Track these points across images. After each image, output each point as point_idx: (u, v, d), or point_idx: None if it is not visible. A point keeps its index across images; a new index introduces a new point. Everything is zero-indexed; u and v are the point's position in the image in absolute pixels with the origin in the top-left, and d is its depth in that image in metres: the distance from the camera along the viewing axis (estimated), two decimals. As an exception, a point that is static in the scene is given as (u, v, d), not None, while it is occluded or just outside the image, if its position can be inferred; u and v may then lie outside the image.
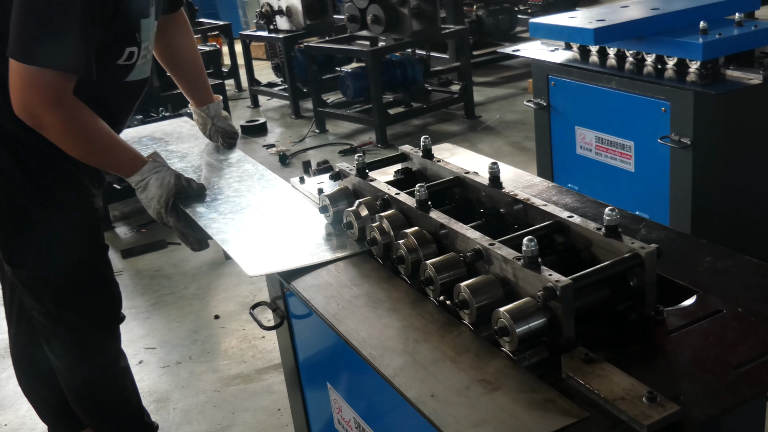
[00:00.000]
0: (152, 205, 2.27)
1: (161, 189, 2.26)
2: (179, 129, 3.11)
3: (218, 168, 2.59)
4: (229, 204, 2.28)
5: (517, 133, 6.61)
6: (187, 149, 2.83)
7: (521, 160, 5.75)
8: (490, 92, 8.03)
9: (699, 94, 3.04)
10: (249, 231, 2.09)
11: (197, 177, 2.47)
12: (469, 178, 1.91)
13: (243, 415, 3.23)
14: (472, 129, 6.95)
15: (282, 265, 1.84)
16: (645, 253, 1.45)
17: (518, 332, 1.36)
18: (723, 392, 1.25)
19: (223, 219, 2.18)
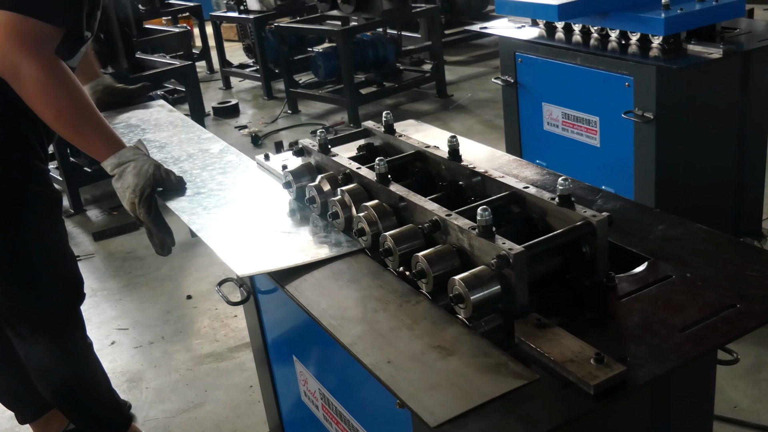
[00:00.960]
0: (126, 195, 2.12)
1: (138, 178, 2.10)
2: (156, 115, 2.94)
3: (200, 159, 2.45)
4: (213, 198, 2.15)
5: (489, 111, 6.64)
6: (165, 138, 2.67)
7: (492, 137, 5.79)
8: (462, 71, 8.05)
9: (661, 68, 3.08)
10: (234, 226, 1.97)
11: (178, 169, 2.34)
12: (429, 152, 1.94)
13: (215, 392, 3.26)
14: (444, 108, 6.97)
15: (272, 264, 1.73)
16: (596, 221, 1.49)
17: (473, 299, 1.40)
18: (668, 353, 1.29)
19: (207, 214, 2.05)
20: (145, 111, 2.98)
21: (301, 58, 7.61)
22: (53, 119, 2.07)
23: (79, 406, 2.64)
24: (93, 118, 2.12)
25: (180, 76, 6.12)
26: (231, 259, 1.76)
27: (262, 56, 7.65)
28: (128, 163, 2.12)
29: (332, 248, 1.77)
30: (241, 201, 2.12)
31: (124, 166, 2.12)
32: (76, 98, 2.07)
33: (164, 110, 2.98)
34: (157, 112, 2.96)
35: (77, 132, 2.12)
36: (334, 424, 1.90)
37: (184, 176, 2.24)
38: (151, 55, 6.57)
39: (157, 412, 3.17)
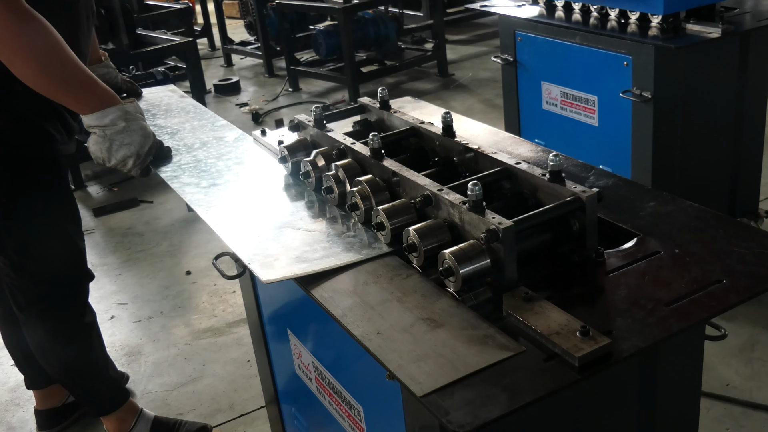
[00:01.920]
0: (126, 150, 2.05)
1: (145, 139, 2.09)
2: (167, 100, 2.81)
3: (215, 147, 2.32)
4: (229, 189, 2.03)
5: (490, 90, 6.64)
6: (177, 125, 2.54)
7: (493, 117, 5.79)
8: (464, 50, 8.04)
9: (660, 47, 3.07)
10: (255, 223, 1.83)
11: (191, 158, 2.24)
12: (423, 128, 1.95)
13: (213, 366, 3.29)
14: (444, 87, 6.97)
15: (299, 269, 1.58)
16: (586, 196, 1.50)
17: (462, 273, 1.42)
18: (653, 326, 1.31)
19: (225, 208, 1.92)
20: (155, 96, 2.86)
21: (302, 35, 7.61)
22: (36, 77, 1.94)
23: (78, 382, 2.67)
24: (81, 68, 2.01)
25: (181, 52, 6.14)
26: (255, 265, 1.61)
27: (264, 34, 7.64)
28: (135, 120, 2.08)
29: (357, 249, 1.64)
30: (261, 194, 2.02)
31: (130, 121, 2.07)
32: (59, 47, 1.94)
33: (175, 95, 2.87)
34: (168, 98, 2.85)
35: (65, 81, 1.99)
36: (327, 396, 1.92)
37: (198, 165, 2.18)
38: (152, 32, 6.56)
39: (155, 386, 3.20)
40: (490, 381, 1.23)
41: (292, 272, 1.57)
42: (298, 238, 1.73)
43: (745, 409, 2.77)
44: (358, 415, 1.77)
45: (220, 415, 2.99)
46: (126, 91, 2.72)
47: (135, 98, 2.21)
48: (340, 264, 1.59)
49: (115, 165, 2.09)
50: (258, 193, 2.01)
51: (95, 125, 2.05)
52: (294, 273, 1.57)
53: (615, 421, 1.61)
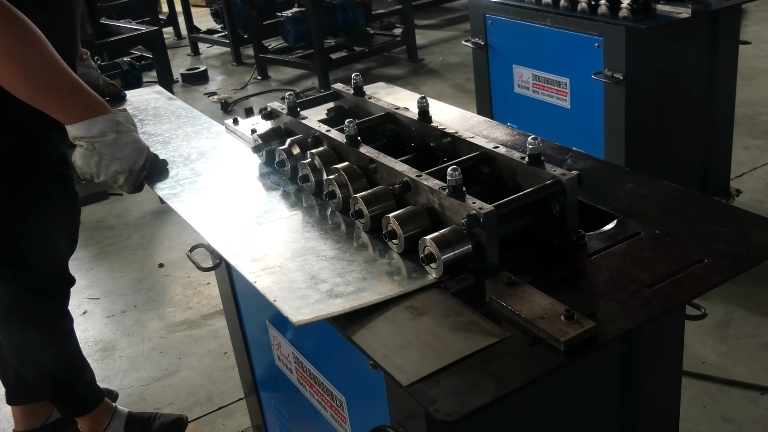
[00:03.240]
0: (117, 166, 1.86)
1: (138, 153, 1.89)
2: (154, 103, 2.57)
3: (214, 158, 2.11)
4: (236, 209, 1.82)
5: (460, 75, 6.62)
6: (168, 131, 2.31)
7: (464, 101, 5.78)
8: (433, 35, 8.01)
9: (630, 29, 3.08)
10: (275, 251, 1.59)
11: (190, 171, 2.03)
12: (399, 113, 1.93)
13: (189, 359, 3.26)
14: (414, 72, 6.94)
15: (333, 306, 1.37)
16: (566, 179, 1.49)
17: (444, 259, 1.40)
18: (637, 308, 1.30)
19: (237, 232, 1.69)
20: (141, 99, 2.63)
21: (270, 23, 7.53)
22: (18, 77, 1.77)
23: (54, 386, 2.58)
24: (67, 73, 1.83)
25: (147, 42, 6.05)
26: (285, 304, 1.39)
27: (231, 21, 7.55)
28: (127, 132, 1.88)
29: (397, 281, 1.44)
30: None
31: (122, 133, 1.87)
32: (42, 48, 1.78)
33: (162, 98, 2.63)
34: (155, 100, 2.61)
35: (49, 86, 1.82)
36: (309, 387, 1.90)
37: (198, 180, 1.98)
38: (117, 21, 6.45)
39: (131, 381, 3.16)
40: (476, 368, 1.21)
41: (326, 311, 1.35)
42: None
43: (721, 386, 2.81)
44: (340, 405, 1.75)
45: (197, 408, 2.96)
46: (108, 94, 2.54)
47: (122, 104, 2.05)
48: (379, 299, 1.38)
49: (104, 181, 1.90)
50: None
51: (82, 136, 1.84)
52: (329, 311, 1.35)
53: (599, 402, 1.61)
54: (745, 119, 4.98)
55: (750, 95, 5.36)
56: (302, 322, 1.33)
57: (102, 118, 1.84)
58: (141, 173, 1.92)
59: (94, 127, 1.84)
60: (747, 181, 4.21)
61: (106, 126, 1.85)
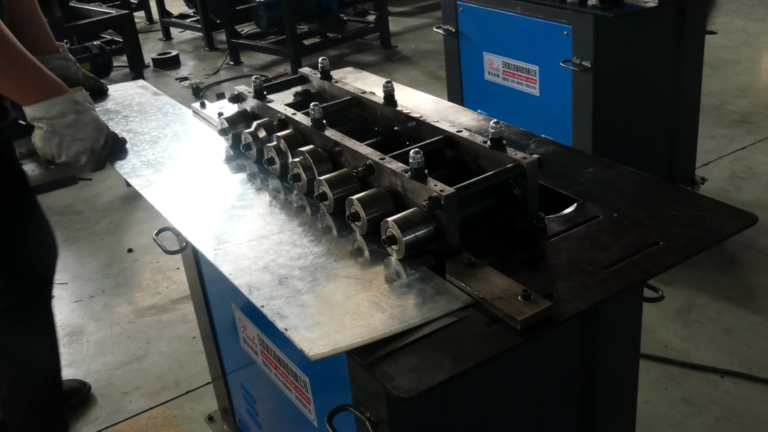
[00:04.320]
0: (78, 146, 1.86)
1: (98, 132, 1.89)
2: (138, 98, 2.46)
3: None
4: (237, 220, 1.67)
5: (433, 62, 6.63)
6: (155, 130, 2.19)
7: (436, 88, 5.78)
8: (406, 22, 8.01)
9: (598, 17, 3.10)
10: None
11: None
12: (365, 97, 1.94)
13: (158, 344, 3.25)
14: (387, 59, 6.94)
15: (350, 337, 1.25)
16: (527, 163, 1.51)
17: (405, 240, 1.42)
18: (593, 289, 1.33)
19: (239, 249, 1.54)
20: (124, 93, 2.52)
21: (242, 8, 7.47)
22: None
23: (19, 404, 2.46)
24: (22, 52, 1.80)
25: (117, 26, 5.98)
26: (301, 338, 1.26)
27: (203, 6, 7.49)
28: (86, 112, 1.87)
29: (425, 306, 1.31)
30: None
31: (81, 113, 1.86)
32: (6, 37, 1.76)
33: (147, 93, 2.53)
34: (139, 95, 2.50)
35: (4, 66, 1.78)
36: (273, 368, 1.91)
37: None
38: (87, 4, 6.37)
39: (98, 365, 3.15)
40: (433, 346, 1.23)
41: (344, 343, 1.24)
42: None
43: (683, 369, 2.86)
44: (304, 386, 1.77)
45: (166, 393, 2.96)
46: (89, 88, 2.33)
47: (103, 98, 2.00)
48: (401, 328, 1.26)
49: (66, 161, 1.90)
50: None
51: (42, 117, 1.83)
52: (347, 344, 1.23)
53: (558, 382, 1.64)
54: (712, 109, 5.04)
55: (717, 85, 5.43)
56: (319, 357, 1.22)
57: (60, 98, 1.83)
58: (102, 152, 1.92)
59: (53, 108, 1.82)
60: (712, 170, 4.28)
61: (65, 107, 1.83)
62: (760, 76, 5.83)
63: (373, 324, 1.27)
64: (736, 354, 2.91)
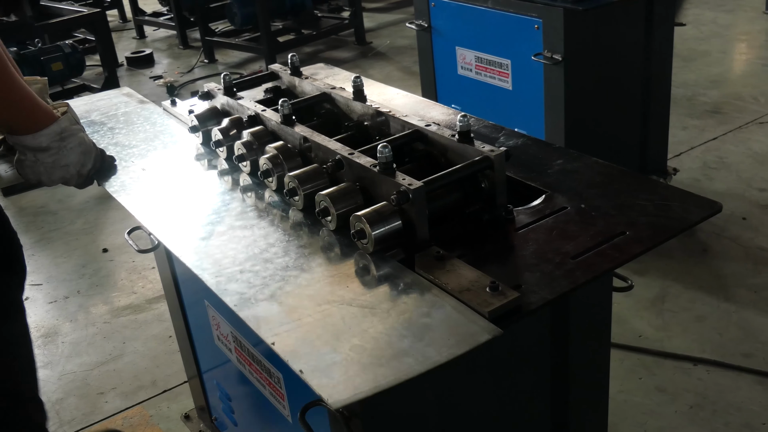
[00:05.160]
0: (62, 172, 1.75)
1: (84, 157, 1.77)
2: (124, 108, 2.33)
3: (210, 184, 1.84)
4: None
5: (408, 58, 6.64)
6: (143, 143, 2.07)
7: (411, 84, 5.79)
8: (381, 18, 8.01)
9: (568, 10, 3.12)
10: (298, 312, 1.32)
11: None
12: (335, 93, 1.94)
13: (134, 344, 3.24)
14: (362, 55, 6.94)
15: (375, 380, 1.14)
16: (494, 155, 1.52)
17: (374, 235, 1.42)
18: (560, 279, 1.34)
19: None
20: (108, 103, 2.39)
21: (216, 5, 7.43)
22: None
23: None
24: (15, 80, 1.63)
25: (89, 24, 5.93)
26: (319, 383, 1.16)
27: (177, 4, 7.45)
28: (71, 136, 1.73)
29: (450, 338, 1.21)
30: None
31: (66, 139, 1.72)
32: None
33: (133, 101, 2.40)
34: (125, 104, 2.37)
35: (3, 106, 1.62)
36: (247, 365, 1.92)
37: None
38: (58, 3, 6.31)
39: (74, 366, 3.13)
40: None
41: (366, 387, 1.13)
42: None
43: (656, 358, 2.89)
44: (278, 383, 1.77)
45: (142, 392, 2.94)
46: None
47: (71, 108, 1.78)
48: (424, 369, 1.16)
49: (50, 185, 1.80)
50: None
51: (25, 146, 1.69)
52: (370, 388, 1.13)
53: (529, 371, 1.66)
54: (684, 100, 5.10)
55: (689, 77, 5.48)
56: (340, 405, 1.12)
57: (46, 131, 1.68)
58: (90, 173, 1.83)
59: (38, 140, 1.68)
60: (684, 161, 4.32)
61: (50, 138, 1.69)
62: (730, 67, 5.89)
63: (397, 366, 1.16)
64: (708, 342, 2.94)
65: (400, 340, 1.21)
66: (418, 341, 1.20)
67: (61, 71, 5.52)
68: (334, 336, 1.24)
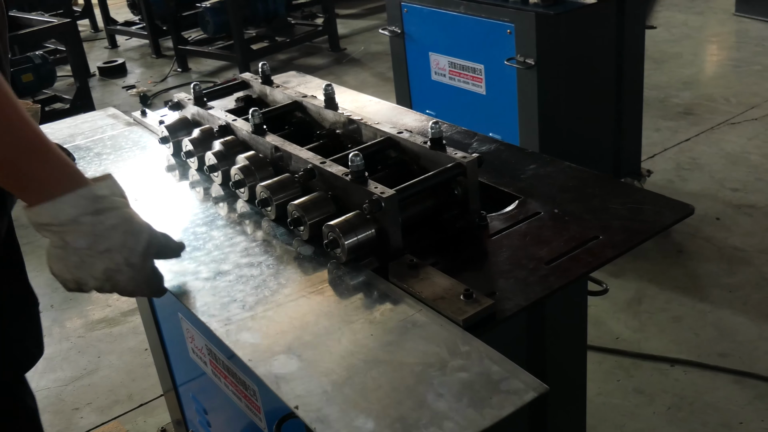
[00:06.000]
0: (111, 261, 1.25)
1: (133, 238, 1.27)
2: (110, 131, 2.14)
3: (210, 226, 1.64)
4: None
5: (382, 64, 6.64)
6: (134, 170, 1.90)
7: (386, 90, 5.79)
8: (355, 24, 8.01)
9: (540, 14, 3.14)
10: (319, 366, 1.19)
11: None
12: (306, 101, 1.93)
13: (109, 357, 3.20)
14: (337, 62, 6.93)
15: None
16: (467, 161, 1.52)
17: (347, 244, 1.41)
18: (534, 285, 1.34)
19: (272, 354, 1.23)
20: (93, 126, 2.19)
21: (189, 14, 7.39)
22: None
23: None
24: (31, 126, 1.19)
25: (59, 35, 5.87)
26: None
27: (149, 13, 7.40)
28: (110, 210, 1.25)
29: (492, 397, 1.10)
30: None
31: (103, 213, 1.24)
32: (5, 96, 1.14)
33: (119, 123, 2.21)
34: (111, 127, 2.17)
35: (6, 145, 1.15)
36: (223, 378, 1.89)
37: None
38: (28, 13, 6.25)
39: (48, 382, 3.09)
40: (377, 350, 1.22)
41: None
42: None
43: (634, 360, 2.90)
44: (254, 395, 1.75)
45: (118, 407, 2.91)
46: None
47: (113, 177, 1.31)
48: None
49: (98, 288, 1.30)
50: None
51: (47, 224, 1.21)
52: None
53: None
54: (656, 102, 5.13)
55: (661, 79, 5.53)
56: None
57: (71, 196, 1.21)
58: (145, 262, 1.31)
59: (61, 211, 1.20)
60: (658, 162, 4.35)
61: (79, 208, 1.21)
62: (702, 69, 5.95)
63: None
64: (685, 342, 2.96)
65: (437, 400, 1.08)
66: (457, 402, 1.08)
67: (31, 82, 5.46)
68: (362, 395, 1.11)
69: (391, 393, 1.10)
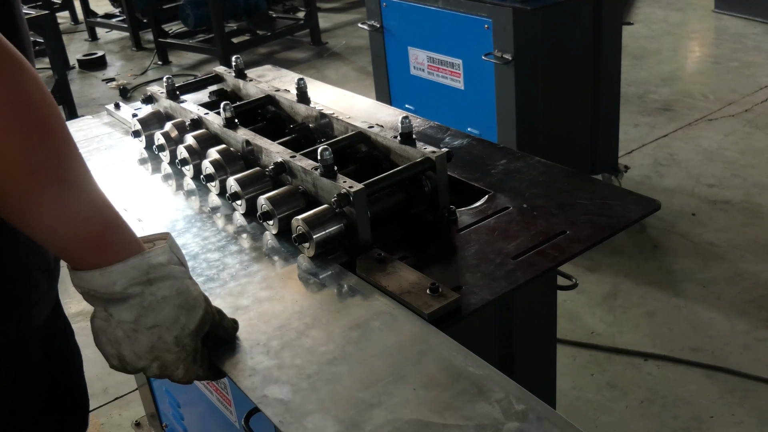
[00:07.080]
0: (157, 338, 1.10)
1: (185, 313, 1.12)
2: (107, 140, 2.04)
3: (223, 252, 1.50)
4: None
5: (363, 58, 6.63)
6: (137, 190, 1.79)
7: (366, 84, 5.79)
8: (337, 18, 7.99)
9: (517, 10, 3.14)
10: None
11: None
12: (279, 95, 1.93)
13: (85, 351, 3.13)
14: (318, 56, 6.92)
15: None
16: (436, 156, 1.52)
17: (316, 238, 1.42)
18: (501, 279, 1.35)
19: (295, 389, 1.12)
20: (89, 134, 2.09)
21: (169, 6, 7.35)
22: (16, 159, 0.90)
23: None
24: (83, 168, 1.00)
25: (37, 27, 5.81)
26: None
27: (129, 5, 7.35)
28: (163, 279, 1.10)
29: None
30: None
31: (155, 283, 1.09)
32: (52, 117, 0.96)
33: (117, 133, 2.09)
34: (108, 136, 2.06)
35: (55, 186, 0.96)
36: (195, 371, 1.89)
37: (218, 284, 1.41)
38: (5, 5, 6.18)
39: (23, 376, 3.07)
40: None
41: None
42: None
43: (609, 354, 2.92)
44: (224, 389, 1.75)
45: (93, 401, 2.87)
46: None
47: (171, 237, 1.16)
48: None
49: (144, 367, 1.13)
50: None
51: (93, 293, 1.06)
52: None
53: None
54: (635, 98, 5.16)
55: (640, 74, 5.56)
56: None
57: (122, 266, 1.05)
58: (196, 340, 1.15)
59: (109, 281, 1.04)
60: (636, 158, 4.38)
61: (129, 278, 1.06)
62: (681, 65, 5.98)
63: None
64: (658, 337, 2.99)
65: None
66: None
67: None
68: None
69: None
